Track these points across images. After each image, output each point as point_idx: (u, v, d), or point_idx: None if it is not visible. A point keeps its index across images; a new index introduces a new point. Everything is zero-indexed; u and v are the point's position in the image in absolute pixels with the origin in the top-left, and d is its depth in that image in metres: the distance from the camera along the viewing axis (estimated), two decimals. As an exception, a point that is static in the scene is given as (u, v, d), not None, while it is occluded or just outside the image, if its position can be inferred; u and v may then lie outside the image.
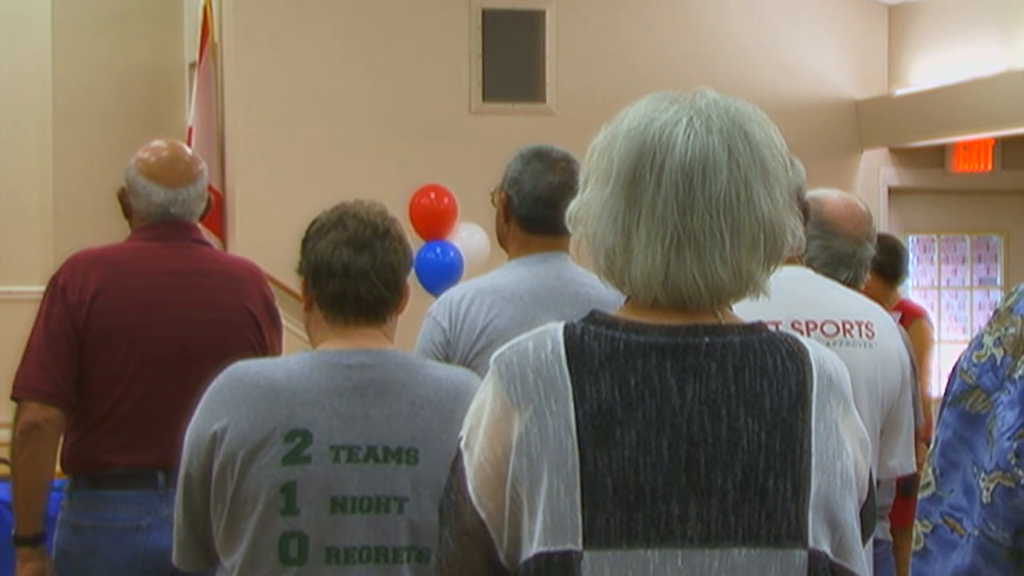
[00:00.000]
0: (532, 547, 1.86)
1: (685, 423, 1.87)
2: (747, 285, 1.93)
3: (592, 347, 1.90)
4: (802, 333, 3.05)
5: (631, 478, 1.85)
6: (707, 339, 1.91)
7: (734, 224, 1.90)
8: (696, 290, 1.90)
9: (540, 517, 1.85)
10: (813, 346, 1.96)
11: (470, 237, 8.16)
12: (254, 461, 2.78)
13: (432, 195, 8.28)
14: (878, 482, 3.22)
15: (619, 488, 1.85)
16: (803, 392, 1.91)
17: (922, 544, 2.22)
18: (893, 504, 4.16)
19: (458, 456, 1.94)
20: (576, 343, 1.91)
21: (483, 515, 1.90)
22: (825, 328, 3.06)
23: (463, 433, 1.95)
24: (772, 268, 1.95)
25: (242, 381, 2.83)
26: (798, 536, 1.87)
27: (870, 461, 2.00)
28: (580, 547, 1.84)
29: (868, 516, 2.02)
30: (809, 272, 3.19)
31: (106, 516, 3.94)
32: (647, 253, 1.90)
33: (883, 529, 4.02)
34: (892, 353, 3.14)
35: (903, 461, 3.22)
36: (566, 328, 1.93)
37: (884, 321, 3.16)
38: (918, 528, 2.24)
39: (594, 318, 1.94)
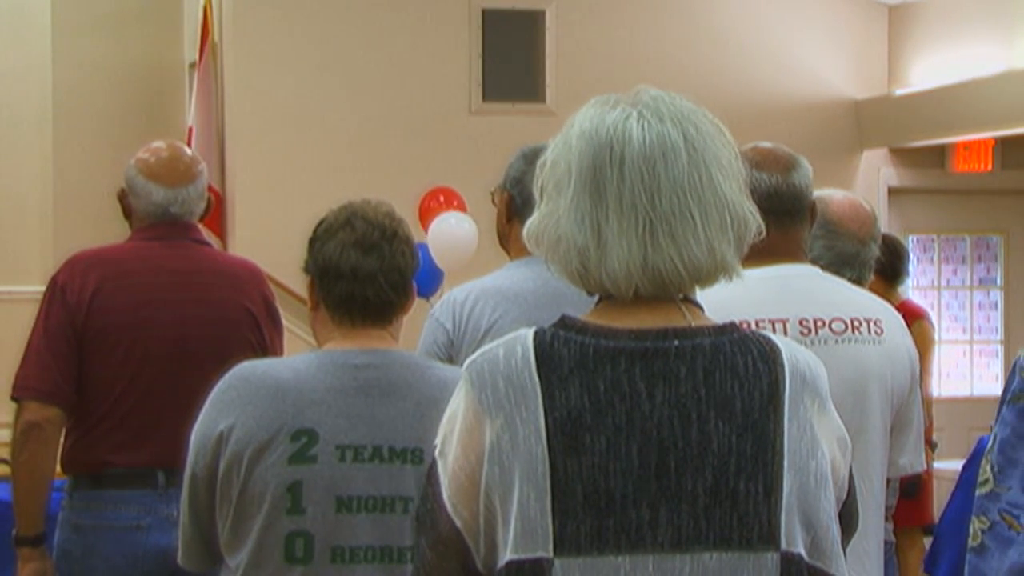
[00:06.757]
0: (505, 555, 1.86)
1: (655, 428, 1.87)
2: (721, 266, 1.93)
3: (561, 353, 1.89)
4: (811, 331, 3.04)
5: (601, 484, 1.85)
6: (676, 342, 1.90)
7: (701, 204, 1.90)
8: (676, 272, 1.90)
9: (512, 525, 1.85)
10: (787, 345, 1.95)
11: (459, 224, 8.13)
12: (260, 460, 2.78)
13: (441, 198, 8.28)
14: (888, 481, 3.21)
15: (589, 495, 1.85)
16: (775, 393, 1.90)
17: (979, 540, 2.22)
18: (896, 505, 4.16)
19: (433, 464, 1.94)
20: (546, 349, 1.90)
21: (459, 523, 1.90)
22: (833, 325, 3.05)
23: (437, 441, 1.94)
24: (741, 251, 1.95)
25: (248, 381, 2.83)
26: (770, 539, 1.86)
27: (849, 459, 1.99)
28: (551, 554, 1.84)
29: (848, 514, 2.01)
30: (817, 270, 3.18)
31: (106, 516, 3.95)
32: (622, 243, 1.90)
33: (887, 530, 4.02)
34: (901, 350, 3.13)
35: (913, 459, 3.21)
36: (536, 334, 1.92)
37: (893, 318, 3.15)
38: (975, 524, 2.24)
39: (564, 323, 1.93)
